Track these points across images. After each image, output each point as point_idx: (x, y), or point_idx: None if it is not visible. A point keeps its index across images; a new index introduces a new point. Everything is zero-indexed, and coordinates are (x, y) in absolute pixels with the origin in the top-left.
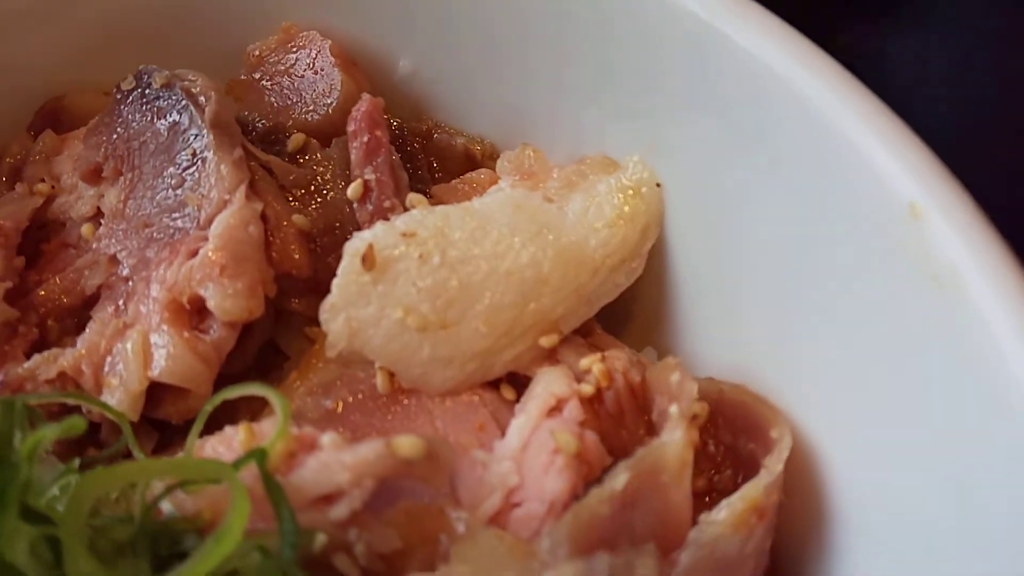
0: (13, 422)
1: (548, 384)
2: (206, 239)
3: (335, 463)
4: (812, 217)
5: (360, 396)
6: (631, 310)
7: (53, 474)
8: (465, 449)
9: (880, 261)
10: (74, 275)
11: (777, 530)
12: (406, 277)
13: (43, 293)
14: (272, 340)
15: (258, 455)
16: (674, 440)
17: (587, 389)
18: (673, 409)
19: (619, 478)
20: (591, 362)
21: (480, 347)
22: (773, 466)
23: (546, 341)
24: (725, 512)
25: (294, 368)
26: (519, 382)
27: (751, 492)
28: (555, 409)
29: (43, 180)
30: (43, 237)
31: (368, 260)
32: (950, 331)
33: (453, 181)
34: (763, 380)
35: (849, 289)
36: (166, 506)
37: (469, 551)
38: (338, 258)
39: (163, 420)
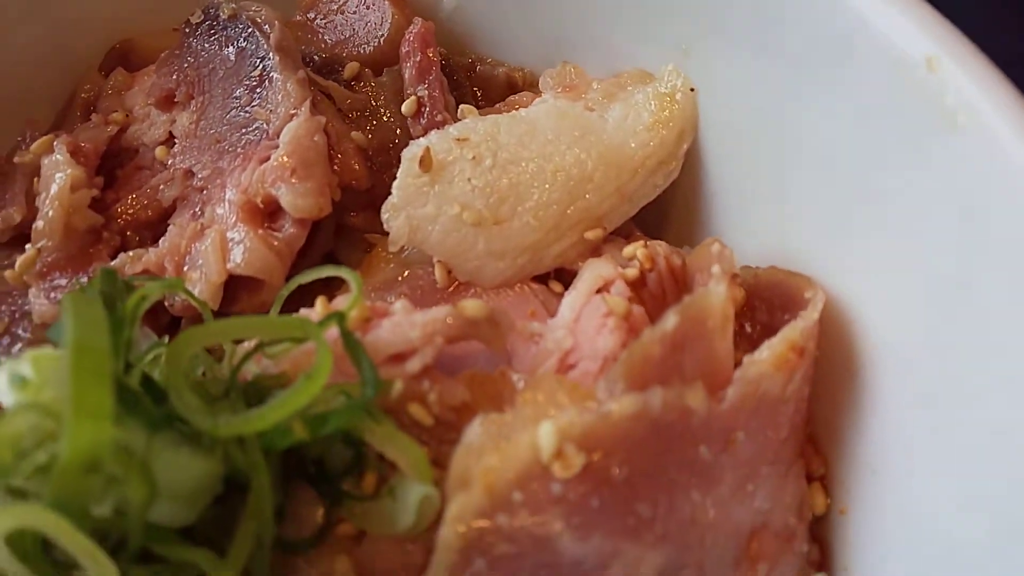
0: (116, 286)
1: (595, 268)
2: (276, 147)
3: (407, 323)
4: (837, 102)
5: (420, 292)
6: (668, 213)
7: (148, 343)
8: (519, 318)
9: (902, 120)
10: (151, 191)
11: (814, 383)
12: (461, 177)
13: (122, 209)
14: (333, 254)
15: (338, 316)
16: (718, 291)
17: (632, 272)
18: (715, 269)
19: (669, 320)
20: (634, 248)
21: (530, 240)
22: (808, 314)
23: (591, 235)
24: (767, 352)
25: None
26: (566, 278)
27: (789, 333)
28: (603, 288)
29: (116, 111)
30: (118, 164)
31: (425, 163)
32: (975, 171)
33: (498, 104)
34: (796, 263)
35: (882, 164)
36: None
37: (532, 394)
38: (392, 176)
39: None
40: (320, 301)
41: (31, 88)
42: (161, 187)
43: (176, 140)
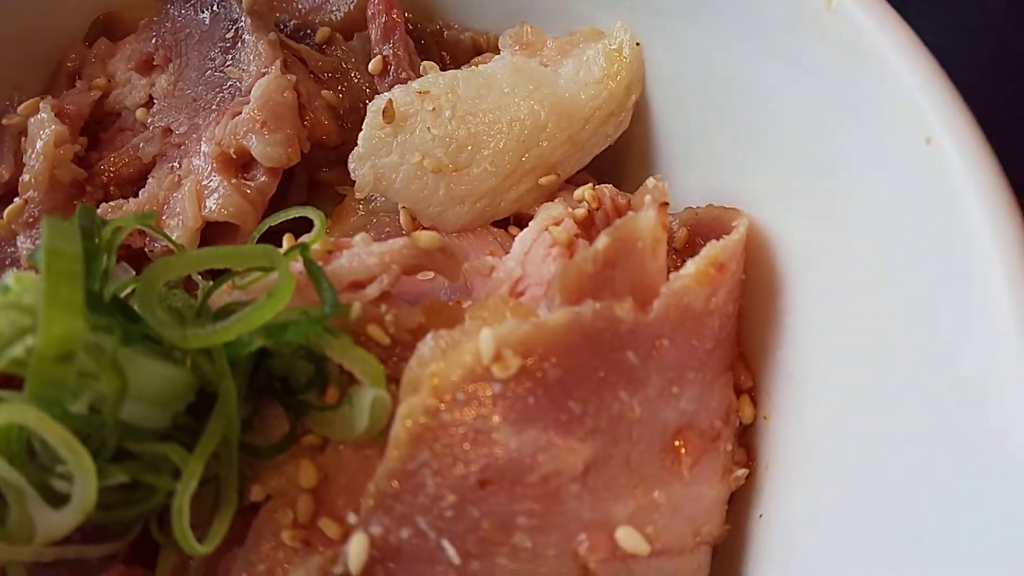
0: (93, 219)
1: (547, 209)
2: (248, 102)
3: (365, 253)
4: (771, 61)
5: (385, 237)
6: (623, 163)
7: (124, 277)
8: (477, 258)
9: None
10: (132, 149)
11: (743, 305)
12: (422, 128)
13: (105, 166)
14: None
15: (301, 247)
16: (647, 216)
17: (580, 212)
18: (647, 198)
19: (601, 240)
20: (583, 191)
21: (488, 186)
22: (731, 237)
23: (546, 181)
24: (691, 267)
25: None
26: (524, 223)
27: (710, 251)
28: (553, 226)
29: (99, 78)
30: (101, 128)
31: (388, 114)
32: (887, 111)
33: (463, 66)
34: (734, 201)
35: (813, 111)
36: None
37: (480, 311)
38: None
39: None
40: (287, 238)
41: (19, 59)
42: (141, 145)
43: (155, 101)
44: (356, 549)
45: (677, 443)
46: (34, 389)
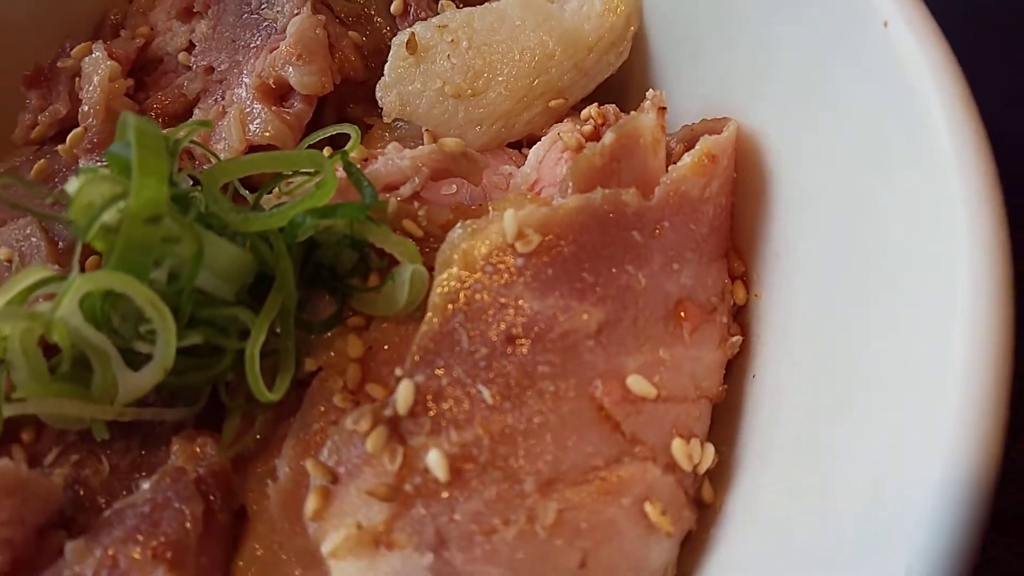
0: (160, 129)
1: (557, 127)
2: (284, 39)
3: (398, 158)
4: None
5: None
6: (625, 91)
7: (186, 183)
8: (495, 170)
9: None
10: (177, 88)
11: (729, 208)
12: (442, 58)
13: (152, 103)
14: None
15: (341, 153)
16: (648, 116)
17: (587, 128)
18: (647, 103)
19: (607, 136)
20: (589, 110)
21: (503, 109)
22: (723, 135)
23: (555, 104)
24: (687, 159)
25: None
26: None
27: (704, 144)
28: (564, 132)
29: (142, 27)
30: (145, 74)
31: (411, 47)
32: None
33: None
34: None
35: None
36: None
37: (502, 204)
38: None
39: None
40: (327, 149)
41: (67, 15)
42: (185, 83)
43: (196, 45)
44: (404, 394)
45: (679, 313)
46: (122, 254)
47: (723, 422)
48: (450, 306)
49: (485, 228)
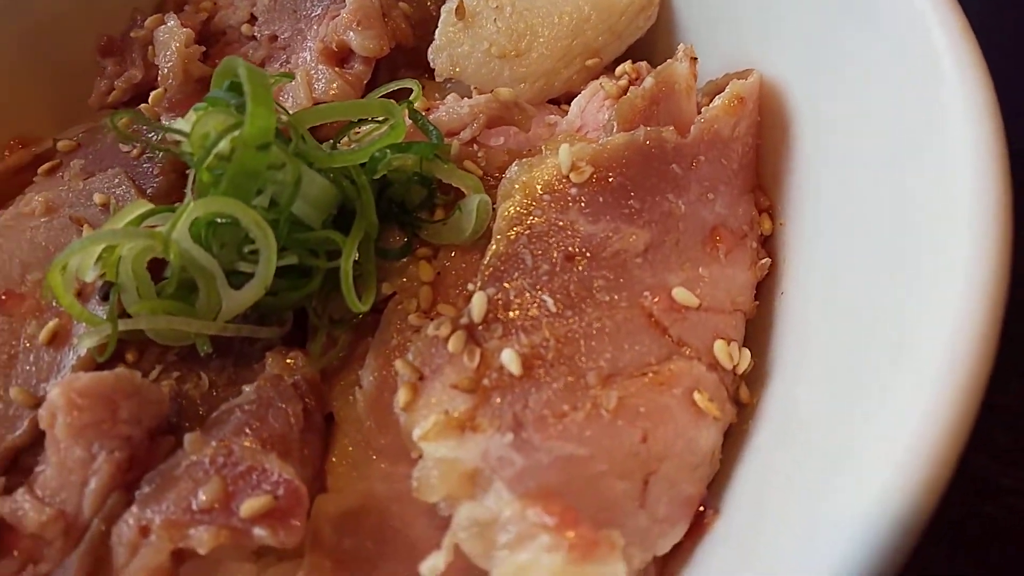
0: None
1: (595, 82)
2: (343, 7)
3: (458, 106)
4: None
5: None
6: (654, 51)
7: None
8: (540, 121)
9: None
10: (242, 55)
11: (754, 147)
12: (488, 21)
13: None
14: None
15: (408, 103)
16: (682, 64)
17: (622, 83)
18: (679, 53)
19: (647, 81)
20: (624, 66)
21: (545, 68)
22: (749, 80)
23: (591, 63)
24: (719, 101)
25: None
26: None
27: (732, 87)
28: (605, 81)
29: (205, 2)
30: (209, 45)
31: (460, 12)
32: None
33: None
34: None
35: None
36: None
37: (553, 143)
38: (431, 40)
39: None
40: (392, 102)
41: None
42: (250, 51)
43: (257, 17)
44: (478, 304)
45: (715, 237)
46: (232, 179)
47: (756, 334)
48: (514, 230)
49: (542, 162)
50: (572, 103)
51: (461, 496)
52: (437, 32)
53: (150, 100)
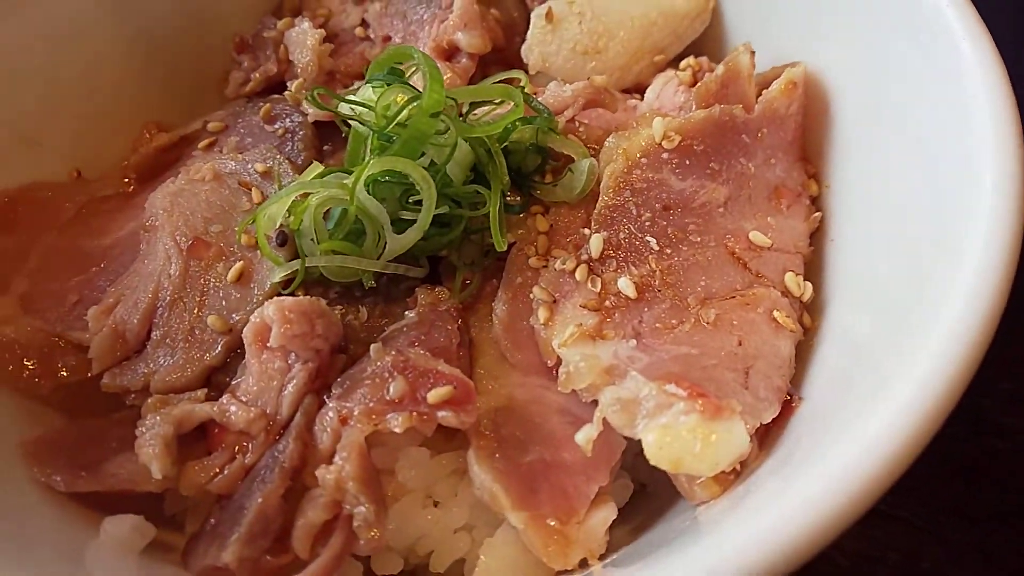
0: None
1: (663, 75)
2: (451, 11)
3: (560, 90)
4: None
5: None
6: (704, 49)
7: None
8: (622, 105)
9: None
10: (359, 53)
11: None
12: (572, 24)
13: (339, 66)
14: None
15: (520, 88)
16: (744, 56)
17: (687, 75)
18: (740, 48)
19: (718, 68)
20: (688, 60)
21: (620, 63)
22: (798, 68)
23: (658, 59)
24: (775, 85)
25: None
26: (643, 91)
27: (787, 73)
28: (679, 71)
29: (320, 9)
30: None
31: (549, 17)
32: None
33: None
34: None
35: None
36: None
37: (642, 119)
38: (515, 44)
39: None
40: (511, 87)
41: (248, 1)
42: (366, 49)
43: (369, 22)
44: (595, 243)
45: (778, 194)
46: (405, 142)
47: (812, 274)
48: (619, 185)
49: (638, 133)
50: (648, 90)
51: (601, 384)
52: (529, 33)
53: (293, 88)
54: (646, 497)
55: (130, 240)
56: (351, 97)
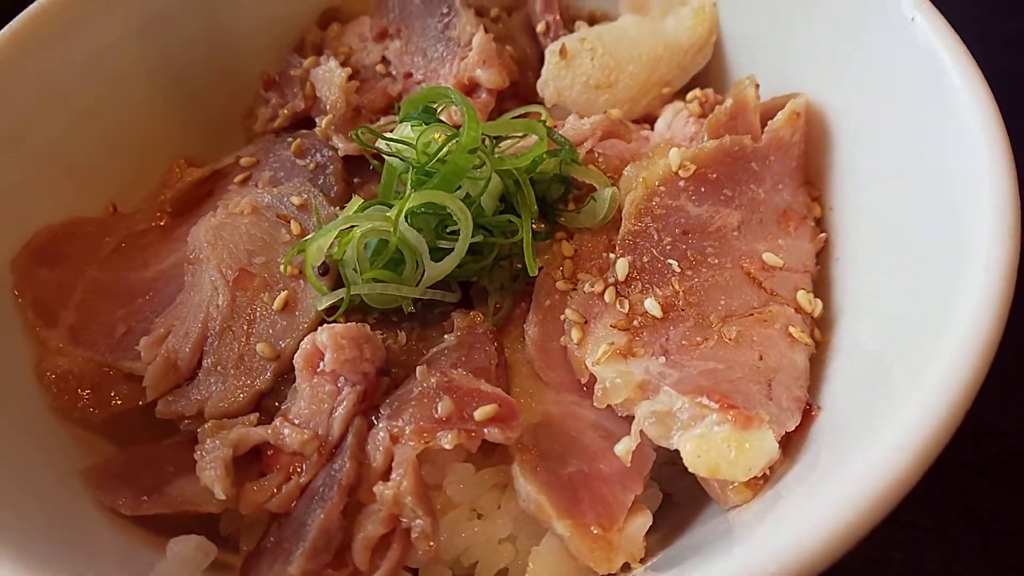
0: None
1: (671, 106)
2: (470, 50)
3: (579, 123)
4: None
5: None
6: (706, 80)
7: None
8: (637, 133)
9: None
10: (380, 89)
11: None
12: (585, 60)
13: (363, 101)
14: None
15: (541, 123)
16: (751, 89)
17: (693, 106)
18: (746, 81)
19: (727, 101)
20: (695, 92)
21: (629, 95)
22: (800, 99)
23: (665, 91)
24: (780, 115)
25: None
26: (652, 121)
27: (791, 104)
28: (688, 103)
29: (341, 47)
30: None
31: (563, 53)
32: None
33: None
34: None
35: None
36: None
37: (656, 149)
38: (528, 78)
39: None
40: (534, 121)
41: (272, 39)
42: (388, 86)
43: (390, 59)
44: (620, 266)
45: (786, 217)
46: (444, 176)
47: (820, 292)
48: (640, 212)
49: (655, 162)
50: (658, 120)
51: (636, 399)
52: (544, 69)
53: (323, 125)
54: (672, 506)
55: (172, 272)
56: (390, 135)
